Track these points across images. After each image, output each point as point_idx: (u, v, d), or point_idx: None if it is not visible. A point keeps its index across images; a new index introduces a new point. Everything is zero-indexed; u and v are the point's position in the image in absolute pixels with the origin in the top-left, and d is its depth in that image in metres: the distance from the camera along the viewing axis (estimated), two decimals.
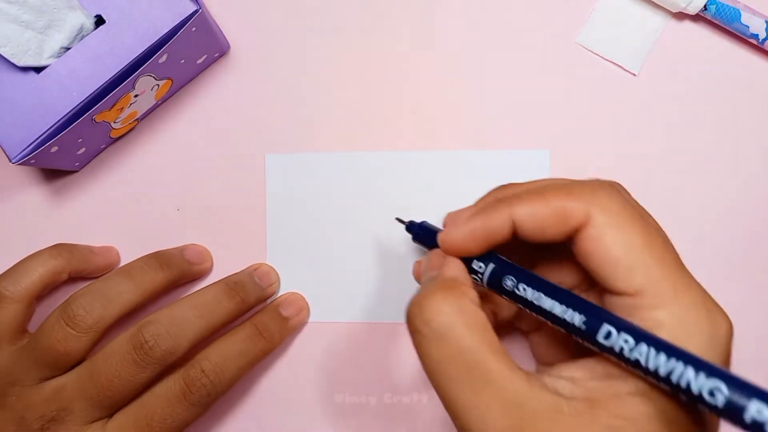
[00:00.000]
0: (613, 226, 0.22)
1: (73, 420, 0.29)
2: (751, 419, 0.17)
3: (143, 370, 0.28)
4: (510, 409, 0.21)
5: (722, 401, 0.17)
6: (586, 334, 0.21)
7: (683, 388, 0.18)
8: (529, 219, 0.23)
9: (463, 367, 0.22)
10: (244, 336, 0.31)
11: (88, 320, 0.29)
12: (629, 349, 0.20)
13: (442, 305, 0.22)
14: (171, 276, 0.32)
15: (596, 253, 0.22)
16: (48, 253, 0.32)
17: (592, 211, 0.22)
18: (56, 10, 0.29)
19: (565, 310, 0.22)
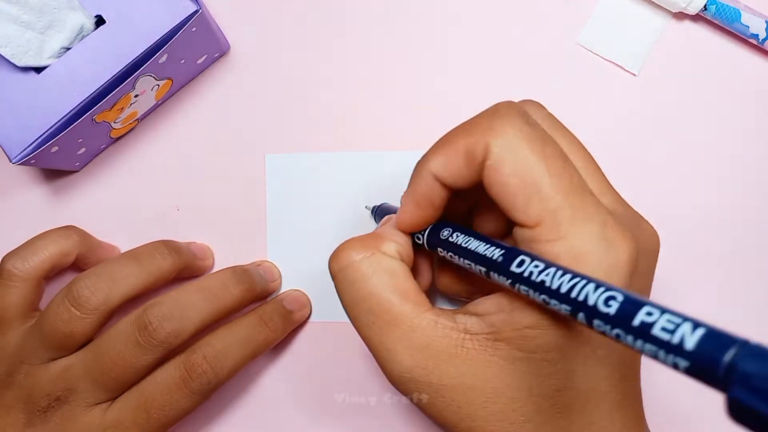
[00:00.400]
0: (509, 156, 0.21)
1: (77, 400, 0.29)
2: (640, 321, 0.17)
3: (146, 353, 0.28)
4: (415, 350, 0.23)
5: (615, 308, 0.18)
6: (502, 266, 0.21)
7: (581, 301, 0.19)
8: (445, 170, 0.23)
9: (371, 310, 0.23)
10: (247, 324, 0.31)
11: (93, 301, 0.29)
12: (537, 272, 0.20)
13: (352, 254, 0.24)
14: (177, 264, 0.32)
15: (495, 185, 0.22)
16: (57, 233, 0.32)
17: (489, 143, 0.21)
18: (56, 10, 0.29)
19: (487, 248, 0.22)
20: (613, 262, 0.21)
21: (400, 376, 0.23)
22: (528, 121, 0.22)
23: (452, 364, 0.22)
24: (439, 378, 0.22)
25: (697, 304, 0.33)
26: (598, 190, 0.24)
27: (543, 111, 0.25)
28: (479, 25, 0.35)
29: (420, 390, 0.23)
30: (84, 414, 0.29)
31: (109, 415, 0.29)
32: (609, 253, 0.21)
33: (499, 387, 0.22)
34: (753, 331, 0.33)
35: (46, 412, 0.29)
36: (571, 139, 0.24)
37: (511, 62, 0.34)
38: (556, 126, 0.24)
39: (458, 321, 0.23)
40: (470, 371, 0.22)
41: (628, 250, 0.21)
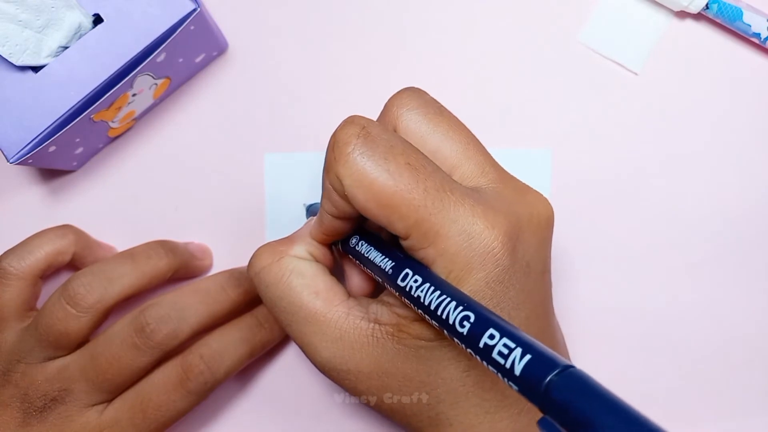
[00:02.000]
0: (357, 184, 0.22)
1: (73, 401, 0.29)
2: (483, 344, 0.19)
3: (143, 354, 0.28)
4: (330, 342, 0.25)
5: (467, 329, 0.19)
6: (390, 278, 0.23)
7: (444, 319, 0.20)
8: (334, 209, 0.24)
9: (287, 310, 0.25)
10: (244, 325, 0.31)
11: (89, 299, 0.29)
12: (416, 288, 0.22)
13: (264, 258, 0.26)
14: (173, 264, 0.32)
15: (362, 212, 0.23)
16: (54, 232, 0.32)
17: (340, 175, 0.23)
18: (54, 9, 0.29)
19: (382, 259, 0.24)
20: (486, 251, 0.22)
21: (323, 367, 0.25)
22: (369, 139, 0.23)
23: (365, 352, 0.24)
24: (355, 365, 0.24)
25: (696, 302, 0.33)
26: (477, 172, 0.24)
27: (418, 100, 0.25)
28: (479, 24, 0.35)
29: (341, 377, 0.25)
30: (80, 415, 0.29)
31: (106, 415, 0.29)
32: (478, 243, 0.22)
33: (409, 373, 0.24)
34: (754, 329, 0.33)
35: (42, 412, 0.29)
36: (447, 125, 0.25)
37: (512, 61, 0.34)
38: (431, 114, 0.25)
39: (371, 310, 0.25)
40: (382, 358, 0.24)
41: (499, 233, 0.22)
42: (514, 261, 0.23)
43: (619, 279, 0.34)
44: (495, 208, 0.23)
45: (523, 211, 0.24)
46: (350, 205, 0.23)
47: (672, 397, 0.33)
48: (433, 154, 0.25)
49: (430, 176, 0.23)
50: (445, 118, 0.25)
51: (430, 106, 0.25)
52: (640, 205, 0.34)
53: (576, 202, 0.34)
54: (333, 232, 0.26)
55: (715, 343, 0.33)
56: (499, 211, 0.23)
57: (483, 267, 0.22)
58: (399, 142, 0.23)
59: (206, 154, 0.35)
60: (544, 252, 0.25)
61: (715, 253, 0.33)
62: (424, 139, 0.25)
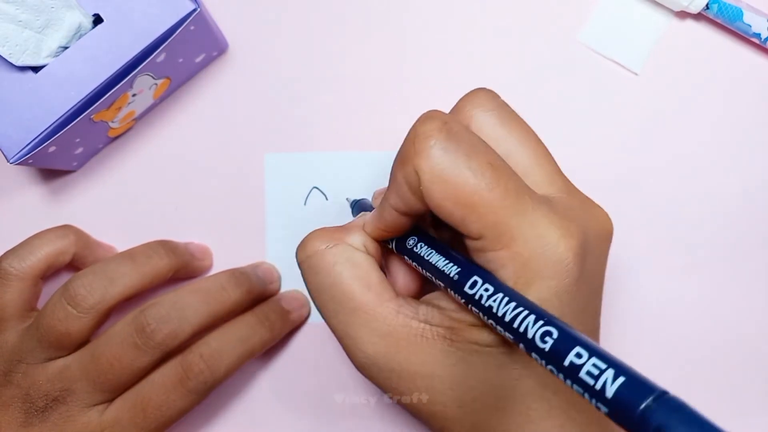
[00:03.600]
0: (437, 179, 0.22)
1: (74, 401, 0.29)
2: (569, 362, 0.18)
3: (144, 354, 0.28)
4: (377, 338, 0.24)
5: (549, 345, 0.19)
6: (457, 285, 0.23)
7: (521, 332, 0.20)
8: (401, 203, 0.24)
9: (335, 299, 0.24)
10: (244, 324, 0.31)
11: (90, 300, 0.29)
12: (487, 297, 0.21)
13: (318, 243, 0.25)
14: (174, 264, 0.32)
15: (433, 207, 0.22)
16: (54, 233, 0.32)
17: (418, 170, 0.22)
18: (54, 9, 0.29)
19: (446, 263, 0.23)
20: (559, 260, 0.22)
21: (363, 363, 0.24)
22: (451, 135, 0.22)
23: (413, 351, 0.23)
24: (399, 364, 0.24)
25: (696, 302, 0.33)
26: (547, 180, 0.24)
27: (490, 103, 0.25)
28: (480, 24, 0.35)
29: (382, 375, 0.24)
30: (81, 415, 0.29)
31: (107, 415, 0.29)
32: (553, 251, 0.22)
33: (456, 376, 0.23)
34: (754, 328, 0.33)
35: (44, 412, 0.29)
36: (520, 131, 0.25)
37: (512, 61, 0.34)
38: (504, 118, 0.25)
39: (420, 312, 0.24)
40: (430, 359, 0.23)
41: (574, 244, 0.22)
42: (582, 273, 0.22)
43: (619, 279, 0.34)
44: (568, 218, 0.22)
45: (590, 224, 0.23)
46: (420, 201, 0.23)
47: None
48: (504, 158, 0.24)
49: (511, 178, 0.22)
50: (518, 123, 0.25)
51: (504, 109, 0.25)
52: (640, 205, 0.34)
53: None
54: (393, 228, 0.25)
55: (715, 343, 0.33)
56: (572, 221, 0.22)
57: (554, 276, 0.22)
58: (480, 141, 0.23)
59: (206, 154, 0.35)
60: (603, 267, 0.25)
61: (715, 252, 0.33)
62: (498, 142, 0.24)
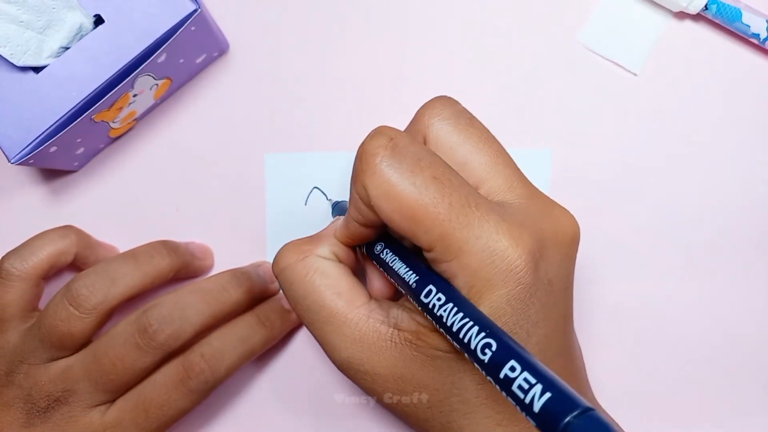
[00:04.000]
0: (383, 195, 0.23)
1: (77, 402, 0.29)
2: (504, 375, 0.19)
3: (146, 355, 0.29)
4: (349, 343, 0.25)
5: (488, 357, 0.20)
6: (414, 293, 0.24)
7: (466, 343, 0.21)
8: (360, 217, 0.24)
9: (309, 308, 0.26)
10: (245, 324, 0.31)
11: (92, 300, 0.29)
12: (439, 306, 0.22)
13: (289, 257, 0.26)
14: (175, 264, 0.32)
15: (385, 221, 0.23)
16: (56, 233, 0.32)
17: (366, 185, 0.23)
18: (55, 9, 0.29)
19: (407, 271, 0.24)
20: (509, 268, 0.22)
21: (341, 366, 0.25)
22: (397, 151, 0.23)
23: (383, 355, 0.24)
24: (372, 367, 0.25)
25: (696, 302, 0.33)
26: (504, 186, 0.25)
27: (449, 109, 0.25)
28: (479, 24, 0.35)
29: (359, 377, 0.25)
30: (83, 415, 0.29)
31: (109, 415, 0.29)
32: (502, 261, 0.22)
33: (424, 380, 0.24)
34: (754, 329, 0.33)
35: (45, 413, 0.29)
36: (477, 137, 0.25)
37: (512, 61, 0.34)
38: (462, 125, 0.25)
39: (391, 315, 0.25)
40: (399, 363, 0.24)
41: (524, 251, 0.22)
42: (537, 278, 0.23)
43: (619, 279, 0.34)
44: (520, 224, 0.23)
45: (548, 228, 0.24)
46: (376, 215, 0.23)
47: (671, 396, 0.33)
48: (461, 165, 0.25)
49: (456, 190, 0.23)
50: (476, 129, 0.25)
51: (461, 116, 0.26)
52: (640, 205, 0.34)
53: (575, 202, 0.34)
54: (358, 237, 0.26)
55: (715, 342, 0.33)
56: (524, 227, 0.23)
57: (504, 284, 0.22)
58: (426, 154, 0.23)
59: (207, 155, 0.35)
60: (567, 268, 0.25)
61: (715, 252, 0.33)
62: (454, 150, 0.25)
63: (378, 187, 0.23)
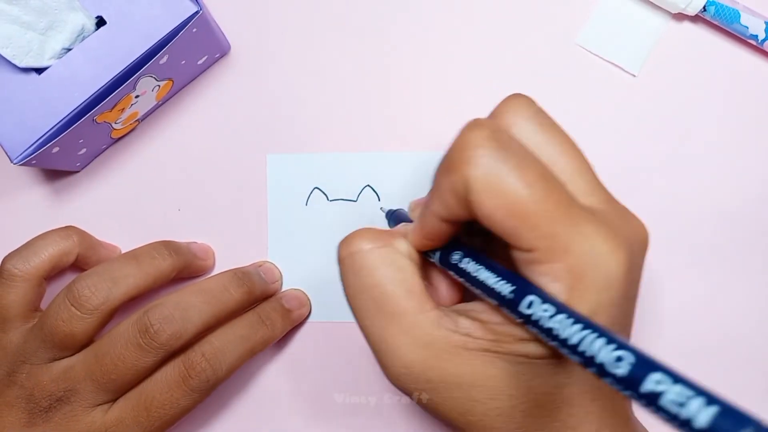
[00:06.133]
0: (488, 188, 0.21)
1: (78, 401, 0.29)
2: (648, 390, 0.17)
3: (147, 355, 0.29)
4: (416, 346, 0.23)
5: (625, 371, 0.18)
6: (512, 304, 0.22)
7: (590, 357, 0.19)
8: (444, 210, 0.23)
9: (375, 301, 0.23)
10: (246, 323, 0.32)
11: (94, 301, 0.29)
12: (547, 318, 0.20)
13: (364, 242, 0.24)
14: (177, 264, 0.32)
15: (482, 217, 0.22)
16: (58, 234, 0.32)
17: (467, 179, 0.21)
18: (57, 11, 0.29)
19: (497, 281, 0.22)
20: (611, 273, 0.21)
21: (399, 371, 0.23)
22: (501, 144, 0.21)
23: (453, 362, 0.23)
24: (439, 375, 0.23)
25: (695, 302, 0.34)
26: (588, 190, 0.24)
27: (528, 110, 0.24)
28: (479, 25, 0.35)
29: (417, 386, 0.23)
30: (85, 415, 0.29)
31: (111, 415, 0.29)
32: (606, 265, 0.21)
33: (499, 386, 0.23)
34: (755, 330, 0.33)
35: (47, 412, 0.29)
36: (561, 139, 0.24)
37: (511, 63, 0.35)
38: (544, 126, 0.24)
39: (460, 324, 0.23)
40: (471, 370, 0.23)
41: (624, 257, 0.21)
42: (628, 286, 0.22)
43: None
44: (615, 229, 0.22)
45: (631, 236, 0.23)
46: (465, 210, 0.22)
47: None
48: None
49: (561, 190, 0.22)
50: (558, 130, 0.24)
51: (543, 116, 0.24)
52: (639, 206, 0.34)
53: None
54: (435, 236, 0.24)
55: (714, 342, 0.33)
56: (618, 233, 0.22)
57: (606, 289, 0.21)
58: (528, 151, 0.22)
59: (209, 155, 0.35)
60: (640, 275, 0.24)
61: (714, 253, 0.34)
62: (539, 149, 0.23)
63: (483, 180, 0.21)
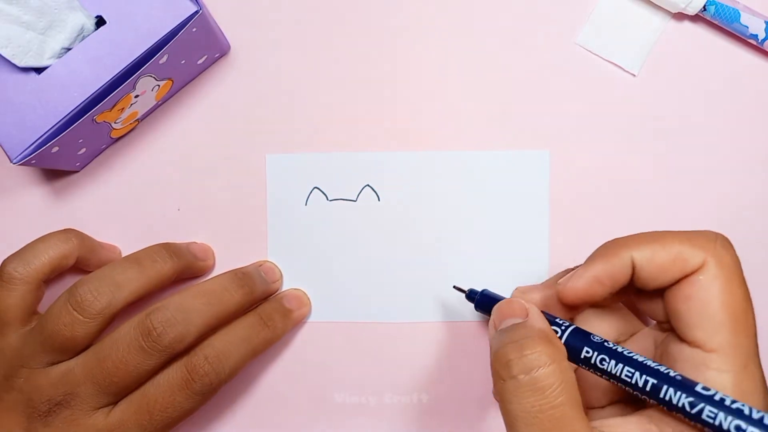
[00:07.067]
0: (723, 280, 0.23)
1: (79, 405, 0.29)
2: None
3: (150, 358, 0.29)
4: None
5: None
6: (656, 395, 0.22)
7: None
8: (649, 262, 0.24)
9: (552, 422, 0.22)
10: (247, 324, 0.31)
11: (96, 306, 0.29)
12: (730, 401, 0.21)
13: (545, 357, 0.22)
14: (178, 266, 0.32)
15: (696, 300, 0.23)
16: (57, 237, 0.32)
17: (708, 260, 0.23)
18: (57, 10, 0.29)
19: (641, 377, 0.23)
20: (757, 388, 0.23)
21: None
22: (736, 259, 0.24)
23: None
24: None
25: None
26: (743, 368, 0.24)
27: (734, 256, 0.25)
28: (479, 25, 0.35)
29: None
30: (86, 418, 0.29)
31: (112, 417, 0.29)
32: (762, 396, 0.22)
33: None
34: None
35: (47, 417, 0.29)
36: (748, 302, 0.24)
37: (511, 62, 0.35)
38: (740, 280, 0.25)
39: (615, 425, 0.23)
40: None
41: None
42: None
43: None
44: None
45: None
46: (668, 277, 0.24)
47: None
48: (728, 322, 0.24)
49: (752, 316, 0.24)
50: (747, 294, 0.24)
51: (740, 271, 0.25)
52: (638, 206, 0.34)
53: (574, 203, 0.34)
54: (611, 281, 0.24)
55: None
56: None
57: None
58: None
59: (208, 155, 0.35)
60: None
61: None
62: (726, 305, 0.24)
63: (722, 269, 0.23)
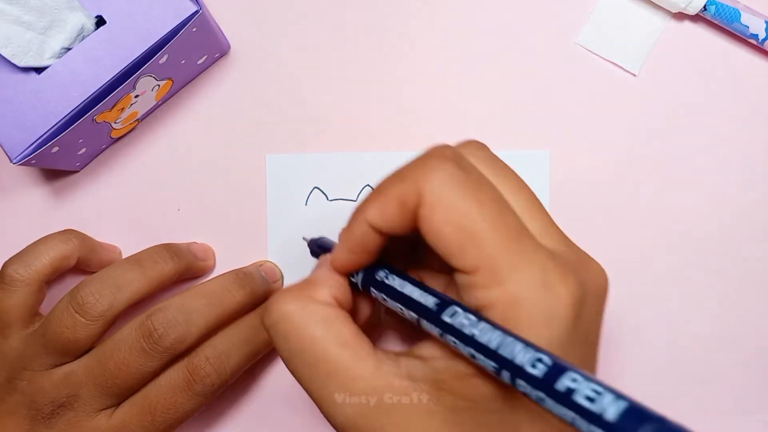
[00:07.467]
0: (441, 202, 0.21)
1: (81, 407, 0.29)
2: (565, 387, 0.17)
3: (152, 359, 0.29)
4: (356, 400, 0.22)
5: (542, 371, 0.18)
6: (433, 314, 0.21)
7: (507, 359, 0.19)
8: (380, 218, 0.23)
9: (309, 364, 0.23)
10: (248, 324, 0.31)
11: (98, 308, 0.29)
12: (469, 325, 0.20)
13: (284, 307, 0.23)
14: (179, 267, 0.32)
15: (429, 232, 0.21)
16: (58, 238, 0.32)
17: (421, 190, 0.21)
18: (57, 10, 0.29)
19: (421, 294, 0.22)
20: (553, 308, 0.20)
21: (344, 427, 0.22)
22: (461, 166, 0.22)
23: (396, 413, 0.22)
24: (383, 426, 0.22)
25: (695, 302, 0.34)
26: (541, 231, 0.23)
27: (483, 152, 0.24)
28: (479, 25, 0.35)
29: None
30: (89, 420, 0.29)
31: (115, 419, 0.29)
32: (548, 298, 0.20)
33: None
34: (753, 331, 0.33)
35: (50, 419, 0.29)
36: (514, 181, 0.24)
37: (511, 62, 0.35)
38: (497, 167, 0.24)
39: (401, 365, 0.23)
40: (414, 420, 0.22)
41: (570, 295, 0.21)
42: (577, 328, 0.21)
43: (617, 280, 0.34)
44: (564, 267, 0.21)
45: (586, 279, 0.22)
46: (406, 222, 0.22)
47: (670, 396, 0.33)
48: None
49: (514, 217, 0.21)
50: (511, 173, 0.24)
51: (496, 160, 0.25)
52: (639, 206, 0.34)
53: (574, 203, 0.34)
54: (362, 248, 0.24)
55: (712, 343, 0.33)
56: (569, 271, 0.21)
57: (547, 326, 0.20)
58: (486, 178, 0.22)
59: (208, 155, 0.35)
60: (599, 325, 0.23)
61: (714, 253, 0.34)
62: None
63: (437, 192, 0.21)
